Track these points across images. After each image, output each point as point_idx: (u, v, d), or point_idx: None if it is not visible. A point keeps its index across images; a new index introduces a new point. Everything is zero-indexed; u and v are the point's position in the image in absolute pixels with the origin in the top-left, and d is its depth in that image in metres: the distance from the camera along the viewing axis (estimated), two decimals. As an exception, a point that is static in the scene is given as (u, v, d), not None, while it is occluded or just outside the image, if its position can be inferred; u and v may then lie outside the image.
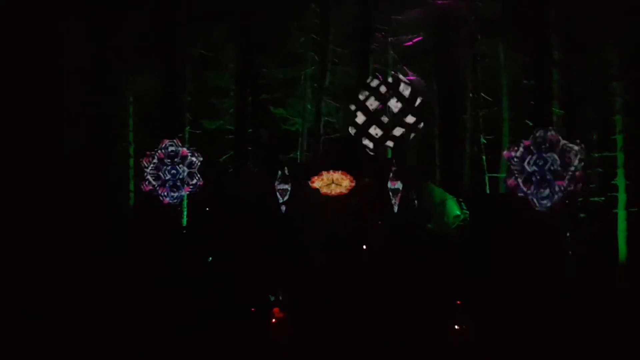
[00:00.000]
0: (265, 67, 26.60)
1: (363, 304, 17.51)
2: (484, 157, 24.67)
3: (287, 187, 20.43)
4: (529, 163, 18.16)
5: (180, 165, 20.82)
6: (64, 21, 24.24)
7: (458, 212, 21.31)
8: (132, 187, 24.70)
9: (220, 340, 16.13)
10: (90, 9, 24.30)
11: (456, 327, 14.85)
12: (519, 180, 18.31)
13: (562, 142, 18.20)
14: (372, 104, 20.23)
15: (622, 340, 15.00)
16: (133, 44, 25.16)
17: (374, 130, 20.16)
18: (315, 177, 20.75)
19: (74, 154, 23.72)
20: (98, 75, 24.84)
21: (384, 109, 20.29)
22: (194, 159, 20.87)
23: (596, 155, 21.69)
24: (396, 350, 15.04)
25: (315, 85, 25.93)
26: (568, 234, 20.48)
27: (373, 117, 20.33)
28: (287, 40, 26.35)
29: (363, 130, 20.33)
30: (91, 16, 24.37)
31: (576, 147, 18.09)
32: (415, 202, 20.64)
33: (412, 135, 20.15)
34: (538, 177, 18.08)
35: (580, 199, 20.87)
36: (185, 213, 23.91)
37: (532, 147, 18.31)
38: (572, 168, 17.92)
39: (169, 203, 20.94)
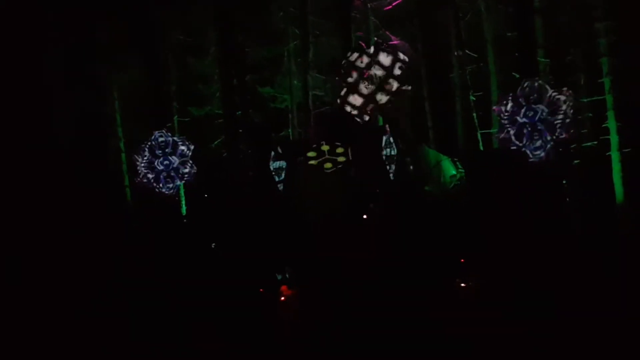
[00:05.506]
0: (248, 47, 26.41)
1: (369, 271, 17.66)
2: (474, 114, 24.65)
3: (282, 165, 20.46)
4: (519, 115, 18.17)
5: (173, 156, 20.84)
6: (43, 21, 23.90)
7: (454, 172, 21.34)
8: (127, 182, 24.74)
9: (231, 322, 16.28)
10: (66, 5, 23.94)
11: (462, 284, 15.08)
12: (511, 133, 18.35)
13: (550, 90, 18.21)
14: (357, 72, 20.17)
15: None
16: (112, 37, 24.94)
17: (361, 99, 20.12)
18: (309, 152, 20.75)
19: (64, 156, 23.62)
20: (80, 72, 24.62)
21: (370, 75, 20.21)
22: (185, 147, 20.88)
23: (585, 100, 21.63)
24: (404, 312, 15.20)
25: (300, 60, 25.76)
26: (564, 182, 20.54)
27: (360, 86, 20.27)
28: (266, 17, 26.11)
29: (350, 100, 20.29)
30: (68, 11, 24.00)
31: (564, 95, 18.08)
32: (411, 166, 20.66)
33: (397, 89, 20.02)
34: (529, 129, 18.12)
35: (573, 146, 20.88)
36: (183, 202, 23.98)
37: (520, 99, 18.33)
38: (562, 116, 17.94)
39: (165, 194, 21.03)
